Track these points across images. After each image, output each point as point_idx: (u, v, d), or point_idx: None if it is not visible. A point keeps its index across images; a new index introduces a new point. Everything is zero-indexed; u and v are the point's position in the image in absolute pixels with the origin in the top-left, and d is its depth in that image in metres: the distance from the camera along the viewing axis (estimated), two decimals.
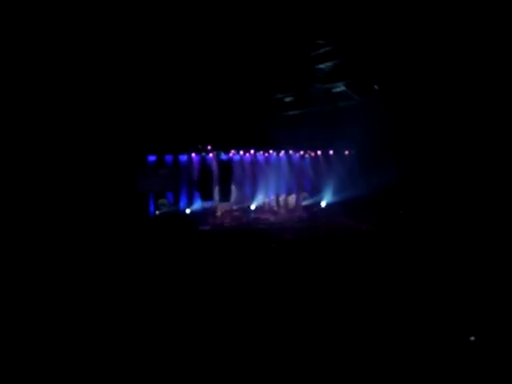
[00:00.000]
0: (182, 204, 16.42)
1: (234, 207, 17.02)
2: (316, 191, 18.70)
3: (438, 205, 15.11)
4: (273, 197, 18.08)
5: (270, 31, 6.21)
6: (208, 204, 16.25)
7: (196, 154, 16.46)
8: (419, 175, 13.49)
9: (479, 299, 7.16)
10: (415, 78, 9.23)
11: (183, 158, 16.39)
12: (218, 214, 16.45)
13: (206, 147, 16.24)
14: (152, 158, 15.81)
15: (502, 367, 5.08)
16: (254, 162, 17.80)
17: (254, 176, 17.69)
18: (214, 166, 16.39)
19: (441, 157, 13.67)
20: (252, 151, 17.58)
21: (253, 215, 17.05)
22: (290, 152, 18.38)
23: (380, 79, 8.93)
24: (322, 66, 8.36)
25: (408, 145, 14.20)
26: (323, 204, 18.42)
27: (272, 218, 17.12)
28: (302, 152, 18.52)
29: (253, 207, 17.45)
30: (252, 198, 17.57)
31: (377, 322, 6.48)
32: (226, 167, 16.20)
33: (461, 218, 13.35)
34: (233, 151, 17.02)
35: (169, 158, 16.16)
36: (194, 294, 7.96)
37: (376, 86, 9.51)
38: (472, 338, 5.72)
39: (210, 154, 16.57)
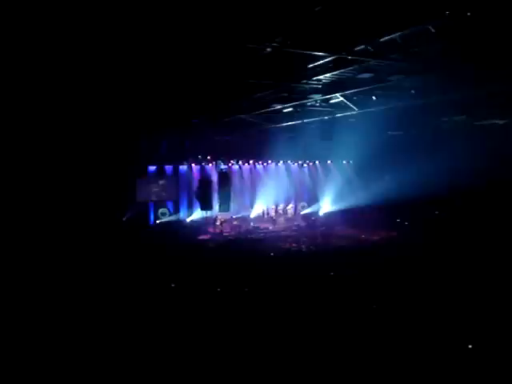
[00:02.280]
0: (182, 213, 16.53)
1: (234, 216, 17.13)
2: (314, 200, 18.88)
3: (436, 214, 15.25)
4: (272, 206, 18.19)
5: (268, 41, 6.35)
6: (208, 213, 16.33)
7: (196, 164, 16.60)
8: (418, 185, 13.63)
9: (479, 308, 7.26)
10: (412, 88, 9.41)
11: (183, 168, 16.54)
12: (218, 223, 16.54)
13: (206, 157, 16.40)
14: (152, 168, 15.97)
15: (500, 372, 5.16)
16: (253, 171, 17.96)
17: (253, 186, 17.84)
18: (214, 176, 16.51)
19: (435, 166, 13.79)
20: (251, 161, 17.75)
21: (252, 224, 17.15)
22: (289, 162, 18.58)
23: (379, 90, 9.08)
24: (320, 77, 8.47)
25: (406, 155, 14.38)
26: (321, 213, 18.55)
27: (271, 227, 17.24)
28: (300, 162, 18.71)
29: (252, 216, 17.56)
30: (251, 207, 17.69)
31: (377, 326, 6.56)
32: (226, 177, 16.30)
33: (457, 226, 13.47)
34: (232, 161, 17.17)
35: (169, 168, 16.31)
36: (190, 301, 8.04)
37: (374, 97, 9.63)
38: (470, 346, 5.81)
39: (210, 165, 16.71)
